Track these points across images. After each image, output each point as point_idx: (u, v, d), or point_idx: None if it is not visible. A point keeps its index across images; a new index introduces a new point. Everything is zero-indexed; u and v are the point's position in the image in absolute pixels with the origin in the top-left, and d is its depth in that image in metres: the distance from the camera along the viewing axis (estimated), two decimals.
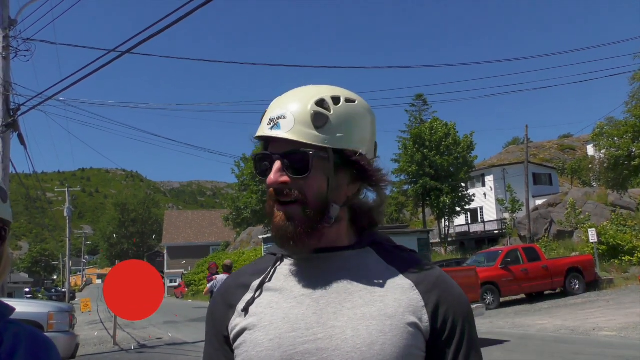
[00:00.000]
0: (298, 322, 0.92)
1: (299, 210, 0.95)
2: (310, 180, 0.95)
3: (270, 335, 0.92)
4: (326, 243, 0.99)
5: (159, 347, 12.78)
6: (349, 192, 1.01)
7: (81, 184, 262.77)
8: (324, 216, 0.96)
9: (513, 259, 17.10)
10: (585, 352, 8.57)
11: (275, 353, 0.90)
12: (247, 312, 0.97)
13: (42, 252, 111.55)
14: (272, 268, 1.03)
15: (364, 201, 1.05)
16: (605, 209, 28.03)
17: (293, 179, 0.95)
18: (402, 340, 0.90)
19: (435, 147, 36.15)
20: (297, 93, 1.00)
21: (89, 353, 11.91)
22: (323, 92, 0.98)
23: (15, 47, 11.72)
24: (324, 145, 0.94)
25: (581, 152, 60.00)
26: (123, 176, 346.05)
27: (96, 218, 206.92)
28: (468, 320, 0.98)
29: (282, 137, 0.95)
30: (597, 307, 14.16)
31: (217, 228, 58.25)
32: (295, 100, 0.97)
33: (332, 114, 0.96)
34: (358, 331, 0.90)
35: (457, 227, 42.92)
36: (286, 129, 0.94)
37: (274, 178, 0.95)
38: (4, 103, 11.42)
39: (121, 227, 76.24)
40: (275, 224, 0.97)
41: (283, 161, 0.95)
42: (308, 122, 0.94)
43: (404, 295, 0.95)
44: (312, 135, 0.94)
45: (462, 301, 0.99)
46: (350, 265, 0.99)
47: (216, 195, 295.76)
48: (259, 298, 0.99)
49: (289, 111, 0.95)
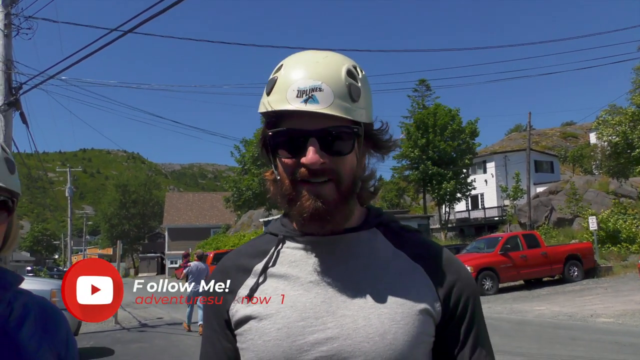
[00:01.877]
0: (307, 311, 0.88)
1: (333, 190, 0.89)
2: (348, 158, 0.90)
3: (278, 325, 0.88)
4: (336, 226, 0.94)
5: (160, 327, 12.91)
6: (362, 167, 0.97)
7: (82, 165, 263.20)
8: (354, 194, 0.92)
9: (513, 246, 17.15)
10: (583, 338, 8.64)
11: (283, 343, 0.87)
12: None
13: (43, 232, 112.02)
14: (275, 250, 0.97)
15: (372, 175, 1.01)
16: (606, 197, 28.04)
17: (331, 158, 0.88)
18: (414, 327, 0.88)
19: (439, 132, 36.04)
20: (322, 60, 0.90)
21: (91, 331, 12.04)
22: (342, 60, 0.91)
23: (17, 24, 11.63)
24: (360, 119, 0.89)
25: (583, 140, 59.87)
26: (124, 157, 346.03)
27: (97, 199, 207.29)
28: (476, 300, 0.97)
29: (327, 112, 0.85)
30: (595, 294, 14.24)
31: (218, 210, 58.38)
32: (327, 69, 0.88)
33: (360, 85, 0.90)
34: (369, 320, 0.87)
35: (458, 213, 43.01)
36: (326, 103, 0.85)
37: (315, 159, 0.86)
38: (5, 81, 11.37)
39: (122, 208, 76.37)
40: (306, 206, 0.88)
41: (321, 139, 0.87)
42: (345, 96, 0.87)
43: (414, 280, 0.92)
44: (351, 110, 0.87)
45: (470, 281, 0.97)
46: (359, 250, 0.94)
47: (217, 177, 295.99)
48: (263, 284, 0.94)
49: (324, 82, 0.86)
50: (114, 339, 11.00)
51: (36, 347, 1.03)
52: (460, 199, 38.74)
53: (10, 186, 1.04)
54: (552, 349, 7.88)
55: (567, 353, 7.54)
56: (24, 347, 1.01)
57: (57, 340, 1.09)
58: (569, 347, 7.92)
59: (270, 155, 0.94)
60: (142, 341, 10.74)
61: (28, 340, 1.03)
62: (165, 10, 8.41)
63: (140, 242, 76.43)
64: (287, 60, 0.92)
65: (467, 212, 42.34)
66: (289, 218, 1.00)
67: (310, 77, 0.86)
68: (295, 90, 0.86)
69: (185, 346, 9.82)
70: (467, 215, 42.06)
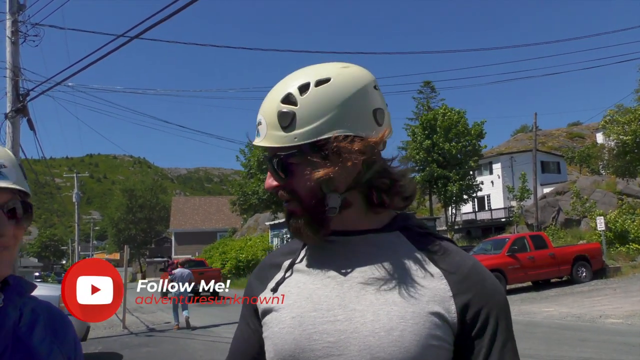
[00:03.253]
0: (320, 303, 0.93)
1: (296, 207, 0.97)
2: (294, 179, 0.96)
3: (293, 314, 0.94)
4: (351, 225, 0.98)
5: (168, 331, 12.94)
6: (349, 177, 0.95)
7: (89, 170, 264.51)
8: (324, 208, 0.95)
9: (520, 247, 17.07)
10: (591, 339, 8.59)
11: (295, 330, 0.92)
12: (276, 291, 1.00)
13: (51, 237, 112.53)
14: (303, 249, 1.04)
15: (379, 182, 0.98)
16: (613, 197, 27.89)
17: (280, 182, 0.97)
18: (423, 328, 0.88)
19: (444, 133, 35.92)
20: (271, 91, 0.98)
21: (99, 336, 12.10)
22: (290, 84, 0.95)
23: (24, 32, 11.74)
24: (293, 144, 0.93)
25: (590, 140, 59.56)
26: (130, 162, 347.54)
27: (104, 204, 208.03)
28: (503, 314, 0.93)
29: (258, 145, 0.96)
30: (603, 295, 14.16)
31: (224, 214, 58.44)
32: (267, 102, 0.97)
33: (299, 107, 0.92)
34: (378, 315, 0.89)
35: (464, 215, 42.85)
36: (262, 136, 0.96)
37: (268, 182, 0.99)
38: (13, 88, 11.47)
39: (129, 212, 76.59)
40: (286, 221, 1.01)
41: (272, 166, 0.97)
42: (276, 124, 0.93)
43: (431, 283, 0.92)
44: (280, 137, 0.93)
45: (495, 293, 0.94)
46: (379, 250, 0.96)
47: (223, 181, 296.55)
48: (289, 278, 1.01)
49: (262, 116, 0.96)
50: (122, 344, 11.05)
51: (47, 351, 1.05)
52: (467, 200, 38.58)
53: (28, 191, 1.07)
54: (560, 351, 7.85)
55: (576, 354, 7.50)
56: (36, 352, 1.03)
57: (66, 344, 1.11)
58: (577, 349, 7.88)
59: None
60: (150, 345, 10.78)
61: (39, 345, 1.04)
62: (170, 17, 8.47)
63: (147, 247, 76.61)
64: None
65: (473, 213, 42.17)
66: None
67: (259, 112, 0.98)
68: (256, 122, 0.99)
69: (193, 350, 9.84)
70: (473, 216, 41.89)
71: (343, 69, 0.95)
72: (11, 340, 1.00)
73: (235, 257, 36.49)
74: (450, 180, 35.97)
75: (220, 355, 9.29)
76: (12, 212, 1.02)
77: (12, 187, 1.01)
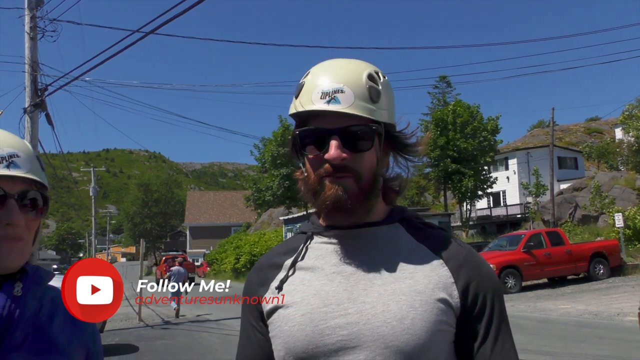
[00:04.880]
0: (329, 298, 0.94)
1: (353, 184, 0.95)
2: (367, 155, 0.96)
3: (302, 311, 0.95)
4: (354, 219, 0.99)
5: (183, 324, 13.08)
6: (384, 165, 1.04)
7: (105, 164, 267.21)
8: (375, 189, 0.98)
9: (536, 243, 16.89)
10: (608, 336, 8.49)
11: (307, 327, 0.93)
12: (281, 290, 1.00)
13: (68, 231, 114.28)
14: (304, 246, 1.04)
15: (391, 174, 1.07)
16: (632, 194, 27.44)
17: (352, 154, 0.94)
18: (432, 315, 0.91)
19: (459, 129, 35.55)
20: (345, 65, 0.97)
21: (116, 328, 12.26)
22: (367, 67, 0.99)
23: (42, 27, 11.88)
24: (380, 119, 0.95)
25: (609, 135, 58.58)
26: (146, 157, 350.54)
27: (120, 198, 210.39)
28: (497, 296, 0.98)
29: (346, 111, 0.92)
30: (621, 292, 13.97)
31: (239, 209, 58.77)
32: (349, 73, 0.95)
33: (381, 89, 0.97)
34: (388, 306, 0.91)
35: (479, 211, 42.52)
36: (347, 104, 0.92)
37: (336, 154, 0.93)
38: (32, 83, 11.62)
39: (144, 207, 77.35)
40: (328, 195, 0.95)
41: (343, 136, 0.94)
42: (366, 97, 0.94)
43: (433, 272, 0.96)
44: (371, 109, 0.94)
45: (491, 277, 1.00)
46: (381, 243, 0.99)
47: (237, 176, 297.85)
48: (292, 276, 1.01)
49: (344, 84, 0.93)
50: (138, 336, 11.19)
51: (67, 341, 1.06)
52: (482, 196, 38.22)
53: (45, 183, 1.08)
54: (577, 348, 7.76)
55: (593, 352, 7.42)
56: (56, 341, 1.04)
57: (86, 334, 1.12)
58: (595, 346, 7.79)
59: (298, 154, 1.02)
60: (165, 338, 10.90)
61: (59, 334, 1.05)
62: (185, 11, 8.50)
63: (162, 241, 77.35)
64: (314, 67, 1.01)
65: (488, 209, 41.83)
66: (317, 216, 1.07)
67: (334, 81, 0.94)
68: (320, 93, 0.94)
69: (209, 343, 9.93)
70: (488, 212, 41.54)
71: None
72: (31, 330, 1.01)
73: (249, 252, 36.66)
74: (465, 176, 35.65)
75: (234, 348, 9.35)
76: (24, 202, 1.01)
77: (23, 176, 1.00)
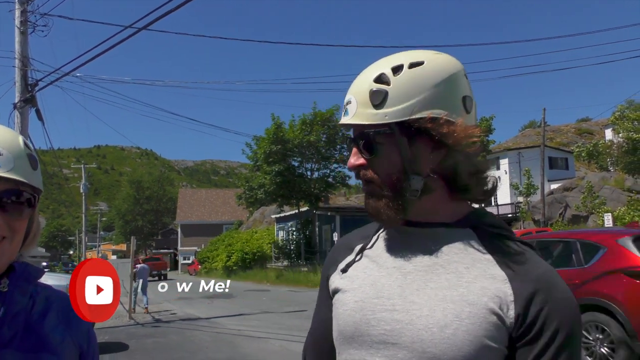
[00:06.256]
0: (383, 291, 0.96)
1: (376, 188, 0.97)
2: (380, 159, 0.96)
3: (357, 298, 0.98)
4: (423, 216, 0.98)
5: (174, 322, 13.03)
6: (433, 161, 0.95)
7: (97, 161, 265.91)
8: (405, 190, 0.95)
9: None
10: None
11: (357, 314, 0.96)
12: (345, 272, 1.05)
13: (58, 228, 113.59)
14: (375, 235, 1.07)
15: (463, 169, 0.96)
16: (622, 194, 27.72)
17: (367, 160, 0.97)
18: (478, 329, 0.86)
19: None
20: (363, 72, 0.99)
21: (106, 326, 12.18)
22: (384, 65, 0.96)
23: (33, 22, 11.77)
24: (384, 122, 0.93)
25: (599, 136, 59.04)
26: (138, 154, 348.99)
27: (111, 195, 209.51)
28: (568, 328, 0.87)
29: (346, 123, 0.97)
30: None
31: (230, 207, 58.60)
32: (358, 82, 0.98)
33: (392, 87, 0.93)
34: (434, 312, 0.89)
35: None
36: (351, 114, 0.97)
37: (351, 162, 0.99)
38: (22, 78, 11.51)
39: (136, 204, 77.03)
40: (365, 203, 1.00)
41: (357, 145, 0.98)
42: (367, 103, 0.94)
43: (492, 285, 0.90)
44: (370, 115, 0.94)
45: (564, 306, 0.88)
46: (447, 246, 0.96)
47: (229, 174, 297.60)
48: (358, 262, 1.05)
49: (352, 95, 0.97)
50: (128, 334, 11.13)
51: (60, 339, 1.05)
52: None
53: (33, 182, 1.04)
54: None
55: None
56: (47, 339, 1.03)
57: (79, 333, 1.10)
58: None
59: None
60: (156, 336, 10.85)
61: (51, 333, 1.04)
62: (178, 7, 8.45)
63: (153, 238, 77.11)
64: None
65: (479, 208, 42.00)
66: None
67: (349, 92, 0.99)
68: (344, 105, 1.00)
69: (200, 341, 9.89)
70: None
71: (436, 54, 0.98)
72: (21, 327, 1.00)
73: (241, 250, 36.62)
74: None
75: (226, 346, 9.34)
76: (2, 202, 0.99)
77: (4, 176, 0.96)
